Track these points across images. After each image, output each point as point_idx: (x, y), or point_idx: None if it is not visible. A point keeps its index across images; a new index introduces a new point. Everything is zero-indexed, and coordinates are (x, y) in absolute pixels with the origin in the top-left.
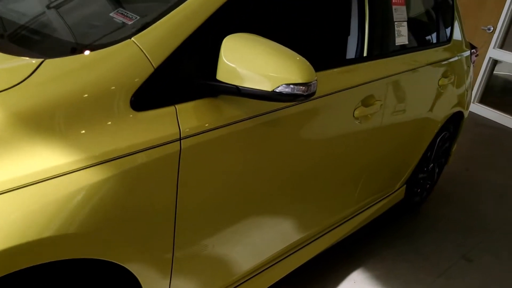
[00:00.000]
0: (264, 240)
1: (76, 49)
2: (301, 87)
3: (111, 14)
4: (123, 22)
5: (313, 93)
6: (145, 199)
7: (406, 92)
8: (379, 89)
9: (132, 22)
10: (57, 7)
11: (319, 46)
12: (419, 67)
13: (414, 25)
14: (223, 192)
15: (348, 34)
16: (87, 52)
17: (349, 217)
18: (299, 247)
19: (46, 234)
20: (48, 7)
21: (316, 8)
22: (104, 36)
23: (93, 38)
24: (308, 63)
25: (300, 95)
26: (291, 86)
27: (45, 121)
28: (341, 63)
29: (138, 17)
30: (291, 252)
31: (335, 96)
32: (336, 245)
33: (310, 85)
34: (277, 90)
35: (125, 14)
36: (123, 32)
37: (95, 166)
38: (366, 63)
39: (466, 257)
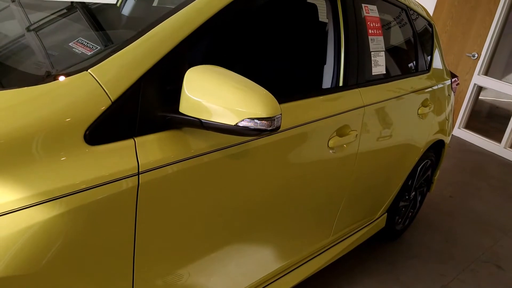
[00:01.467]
0: (239, 270)
1: (28, 80)
2: (265, 121)
3: (70, 44)
4: (82, 52)
5: (278, 128)
6: (100, 236)
7: (383, 122)
8: (355, 119)
9: (91, 52)
10: (16, 35)
11: (293, 76)
12: (397, 97)
13: (392, 54)
14: (187, 226)
15: (324, 63)
16: (39, 84)
17: (328, 247)
18: (278, 277)
19: None
20: (5, 34)
21: (290, 37)
22: (60, 67)
23: (48, 68)
24: (272, 97)
25: (264, 129)
26: (255, 120)
27: None
28: (316, 93)
29: (98, 47)
30: (270, 281)
31: (308, 126)
32: (316, 274)
33: (274, 120)
34: (240, 124)
35: (85, 44)
36: (80, 63)
37: (45, 203)
38: (341, 93)
39: (447, 287)
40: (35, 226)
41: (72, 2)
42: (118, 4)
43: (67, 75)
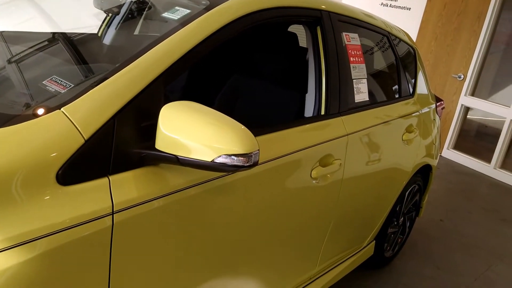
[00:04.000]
0: None
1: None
2: (242, 157)
3: (44, 82)
4: (56, 90)
5: (255, 163)
6: (72, 279)
7: (368, 149)
8: (338, 148)
9: (65, 90)
10: None
11: (275, 106)
12: (381, 123)
13: (375, 81)
14: (165, 265)
15: (305, 92)
16: (11, 124)
17: (314, 278)
18: None
19: None
20: None
21: (271, 68)
22: (32, 106)
23: (20, 108)
24: (249, 132)
25: (241, 166)
26: (232, 157)
27: None
28: (297, 123)
29: (72, 85)
30: None
31: (290, 157)
32: None
33: (251, 156)
34: (217, 161)
35: (59, 81)
36: (53, 102)
37: (14, 248)
38: (323, 122)
39: None
40: (4, 272)
41: (53, 35)
42: (99, 34)
43: (39, 114)
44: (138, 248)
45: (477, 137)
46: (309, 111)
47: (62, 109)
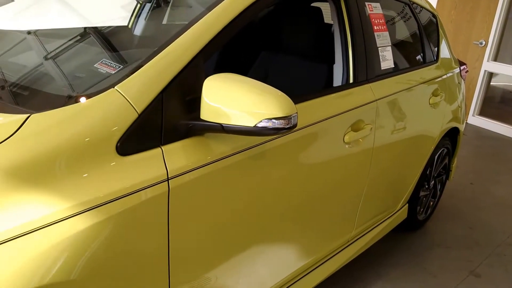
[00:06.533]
0: (266, 269)
1: (61, 102)
2: (282, 120)
3: (95, 65)
4: (107, 72)
5: (295, 125)
6: (135, 242)
7: (396, 114)
8: (368, 113)
9: (115, 71)
10: (43, 62)
11: (306, 77)
12: (407, 88)
13: (400, 48)
14: (217, 227)
15: (333, 63)
16: (72, 104)
17: (352, 241)
18: (303, 275)
19: (34, 285)
20: (33, 62)
21: (300, 41)
22: (88, 87)
23: (78, 89)
24: (287, 97)
25: (282, 128)
26: (273, 120)
27: (31, 174)
28: (328, 92)
29: (121, 66)
30: (296, 279)
31: (323, 123)
32: (342, 269)
33: (291, 118)
34: (259, 125)
35: (109, 64)
36: (106, 82)
37: (83, 214)
38: (352, 89)
39: (475, 272)
40: (74, 236)
41: (86, 29)
42: (129, 26)
43: (96, 93)
44: (191, 211)
45: (502, 103)
46: (337, 81)
47: (115, 87)
